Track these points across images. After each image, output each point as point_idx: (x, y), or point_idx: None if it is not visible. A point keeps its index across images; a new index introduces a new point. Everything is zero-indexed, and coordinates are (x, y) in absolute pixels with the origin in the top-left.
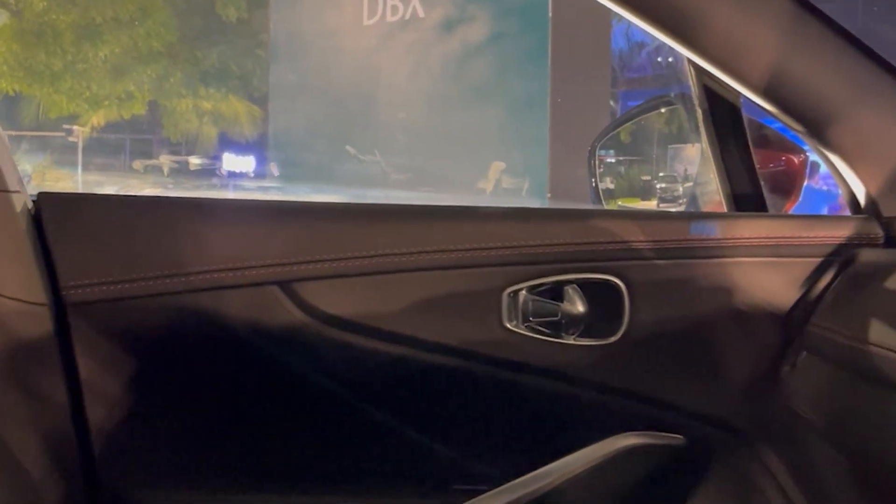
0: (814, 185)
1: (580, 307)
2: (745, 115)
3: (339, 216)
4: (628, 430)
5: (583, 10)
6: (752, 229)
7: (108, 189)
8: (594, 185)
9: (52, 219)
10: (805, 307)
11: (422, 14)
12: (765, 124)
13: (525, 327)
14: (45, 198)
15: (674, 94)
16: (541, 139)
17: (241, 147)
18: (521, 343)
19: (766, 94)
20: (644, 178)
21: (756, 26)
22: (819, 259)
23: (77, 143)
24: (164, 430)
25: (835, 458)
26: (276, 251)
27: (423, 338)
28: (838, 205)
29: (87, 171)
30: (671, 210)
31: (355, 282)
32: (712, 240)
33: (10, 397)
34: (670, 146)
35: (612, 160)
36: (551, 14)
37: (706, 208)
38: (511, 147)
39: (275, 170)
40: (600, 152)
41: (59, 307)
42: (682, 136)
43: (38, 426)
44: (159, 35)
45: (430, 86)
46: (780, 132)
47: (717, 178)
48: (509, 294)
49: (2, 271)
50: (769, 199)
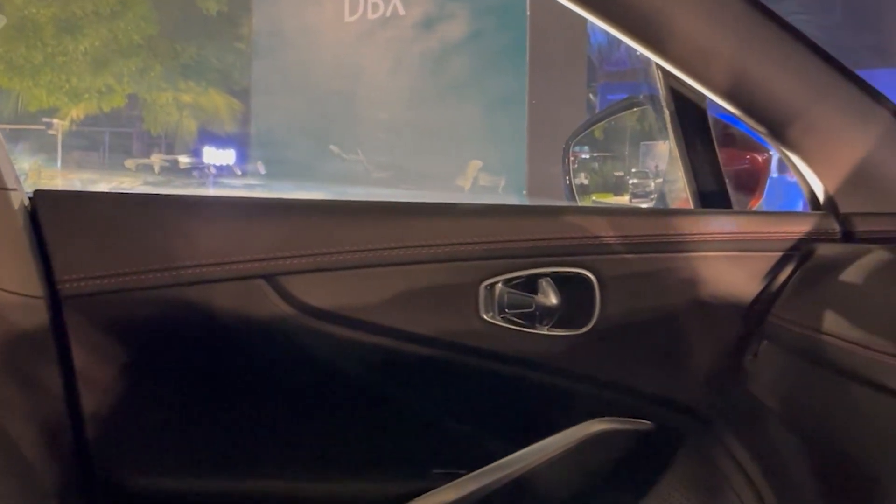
0: (788, 178)
1: (553, 299)
2: (711, 116)
3: (323, 212)
4: (599, 416)
5: (560, 10)
6: (716, 225)
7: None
8: (568, 182)
9: (47, 215)
10: (766, 299)
11: (402, 12)
12: (730, 124)
13: (501, 318)
14: (40, 195)
15: (643, 96)
16: (518, 137)
17: (221, 141)
18: (498, 333)
19: (728, 96)
20: (617, 173)
21: (719, 33)
22: (780, 253)
23: (56, 137)
24: (155, 418)
25: (793, 441)
26: (262, 246)
27: (403, 329)
28: None
29: (66, 166)
30: (640, 206)
31: (338, 275)
32: (679, 235)
33: (8, 386)
34: (642, 143)
35: (587, 156)
36: (529, 13)
37: (674, 205)
38: (488, 145)
39: (261, 168)
40: (576, 149)
41: (55, 300)
42: (654, 134)
43: (34, 414)
44: (139, 28)
45: (411, 84)
46: (745, 132)
47: (684, 177)
48: (486, 287)
49: (0, 266)
50: (735, 196)
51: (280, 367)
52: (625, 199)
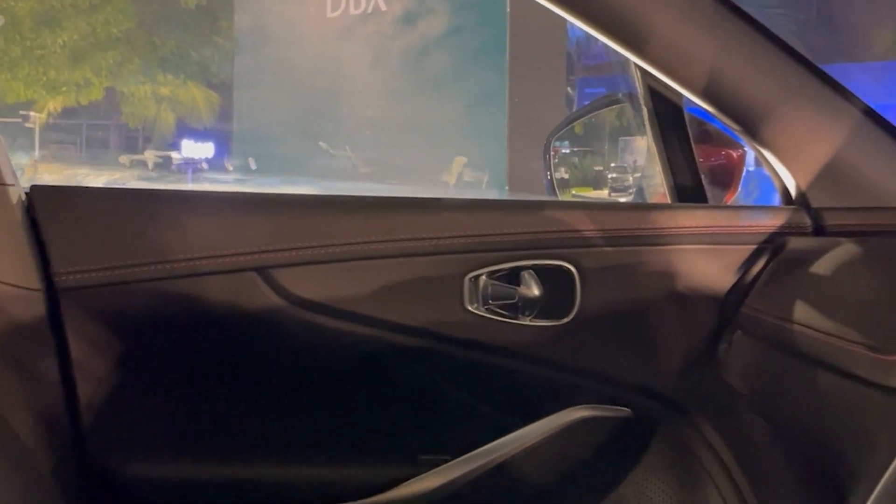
0: (767, 172)
1: (535, 291)
2: (687, 113)
3: (313, 207)
4: (579, 404)
5: (540, 7)
6: (692, 219)
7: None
8: (549, 177)
9: (44, 210)
10: (740, 291)
11: (384, 7)
12: (705, 121)
13: (485, 310)
14: (37, 190)
15: (621, 94)
16: (500, 134)
17: (201, 134)
18: (482, 324)
19: (704, 95)
20: (597, 168)
21: (695, 34)
22: (753, 246)
23: (34, 129)
24: (149, 407)
25: (765, 427)
26: (253, 240)
27: (390, 320)
28: None
29: (44, 160)
30: (619, 201)
31: (328, 268)
32: (656, 229)
33: (6, 375)
34: (621, 138)
35: (567, 151)
36: (509, 10)
37: (651, 199)
38: (472, 141)
39: (252, 164)
40: (556, 144)
41: (52, 292)
42: (633, 130)
43: (31, 402)
44: (118, 21)
45: (394, 80)
46: (720, 129)
47: (662, 172)
48: (470, 279)
49: None
50: (710, 190)
51: (271, 357)
52: (604, 193)
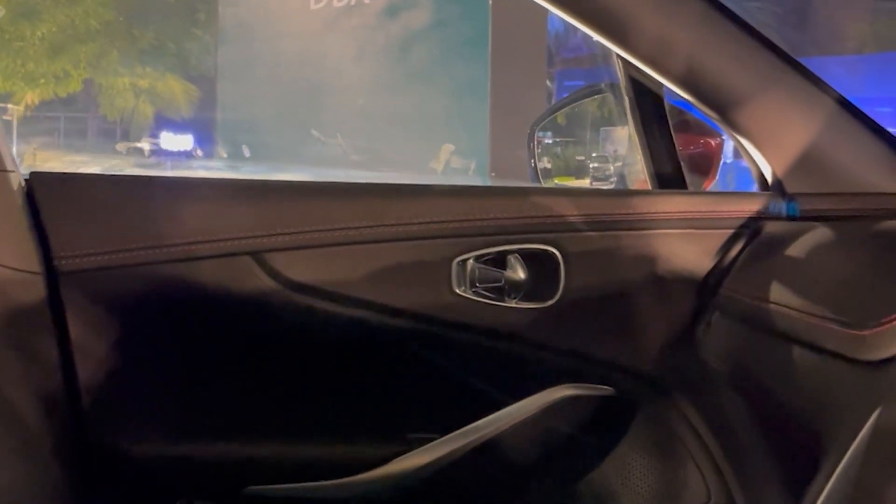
0: (744, 164)
1: (521, 274)
2: (668, 103)
3: (306, 193)
4: (564, 383)
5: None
6: (672, 205)
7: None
8: (533, 165)
9: (44, 196)
10: (718, 273)
11: (367, 0)
12: (685, 111)
13: (472, 292)
14: (36, 177)
15: (604, 84)
16: (485, 123)
17: (181, 126)
18: (469, 306)
19: (684, 84)
20: (579, 158)
21: (675, 26)
22: (731, 231)
23: (11, 121)
24: (146, 387)
25: (741, 403)
26: (248, 225)
27: (380, 302)
28: None
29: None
30: (602, 188)
31: (320, 252)
32: (638, 214)
33: (7, 356)
34: (602, 128)
35: (550, 141)
36: (491, 1)
37: (633, 186)
38: (460, 130)
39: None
40: (539, 134)
41: (52, 275)
42: (614, 120)
43: (32, 382)
44: (97, 13)
45: (381, 72)
46: (699, 118)
47: (643, 160)
48: (458, 263)
49: (0, 243)
50: (690, 177)
51: (265, 338)
52: (586, 182)
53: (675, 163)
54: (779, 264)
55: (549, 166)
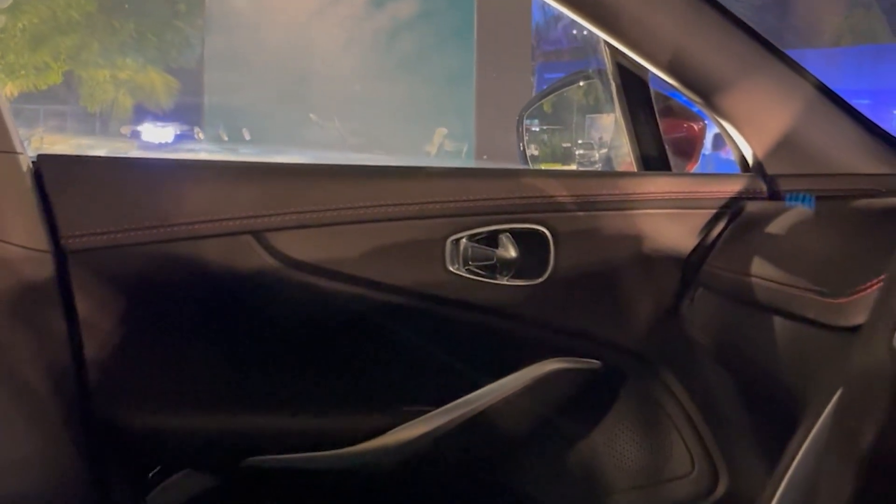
0: (722, 156)
1: (512, 252)
2: (653, 89)
3: (305, 175)
4: (553, 357)
5: None
6: (657, 186)
7: None
8: (522, 148)
9: (51, 177)
10: (702, 251)
11: None
12: (669, 97)
13: (465, 270)
14: (44, 159)
15: (591, 70)
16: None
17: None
18: (462, 284)
19: (668, 70)
20: (565, 145)
21: (661, 14)
22: (713, 211)
23: None
24: (151, 362)
25: (723, 374)
26: (249, 205)
27: (377, 280)
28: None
29: None
30: (590, 170)
31: (319, 231)
32: (624, 195)
33: (17, 331)
34: (588, 116)
35: (537, 129)
36: None
37: (619, 168)
38: (452, 114)
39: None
40: (526, 122)
41: (60, 254)
42: (599, 107)
43: (41, 356)
44: (78, 4)
45: (372, 60)
46: (683, 104)
47: (629, 143)
48: (452, 242)
49: (10, 223)
50: (673, 160)
51: (265, 314)
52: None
53: (660, 146)
54: (760, 241)
55: (536, 153)
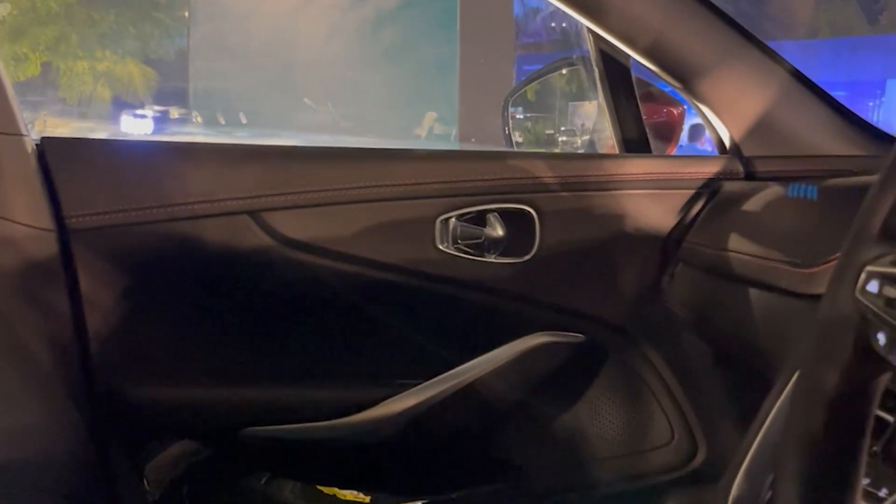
0: (699, 147)
1: (500, 231)
2: (634, 75)
3: (300, 157)
4: (539, 331)
5: None
6: (638, 167)
7: None
8: (508, 133)
9: (55, 159)
10: (681, 229)
11: None
12: (650, 83)
13: (454, 248)
14: (47, 141)
15: (575, 57)
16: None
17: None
18: (451, 261)
19: (649, 56)
20: (548, 132)
21: (642, 2)
22: (692, 191)
23: None
24: (151, 336)
25: (701, 345)
26: (246, 186)
27: (369, 257)
28: None
29: None
30: (574, 152)
31: (313, 211)
32: (607, 176)
33: (22, 306)
34: (570, 103)
35: (521, 116)
36: None
37: (602, 151)
38: (441, 99)
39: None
40: (511, 109)
41: (63, 233)
42: (581, 95)
43: (45, 331)
44: None
45: (358, 48)
46: (663, 89)
47: (611, 127)
48: (441, 221)
49: (15, 202)
50: (654, 143)
51: (261, 291)
52: None
53: (641, 129)
54: (736, 218)
55: (520, 140)
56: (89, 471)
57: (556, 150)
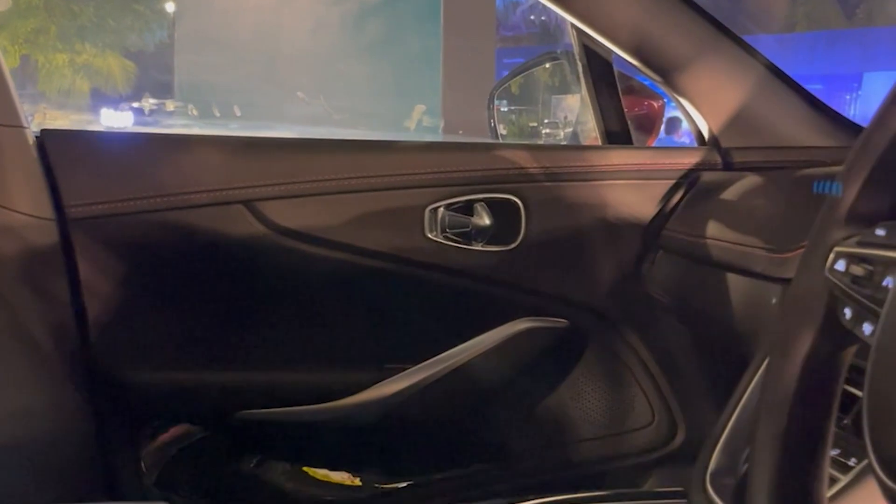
0: (676, 139)
1: (487, 220)
2: (616, 69)
3: (293, 148)
4: (524, 317)
5: None
6: (620, 158)
7: None
8: (493, 125)
9: (54, 150)
10: (661, 217)
11: None
12: (631, 77)
13: (443, 237)
14: (47, 133)
15: (559, 52)
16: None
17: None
18: (440, 250)
19: (630, 50)
20: (531, 124)
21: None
22: (672, 181)
23: None
24: (149, 322)
25: (681, 329)
26: (241, 176)
27: (360, 246)
28: None
29: None
30: (558, 144)
31: (306, 201)
32: (590, 167)
33: (23, 294)
34: (553, 96)
35: (505, 109)
36: None
37: (585, 143)
38: (430, 92)
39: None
40: (496, 102)
41: (63, 222)
42: (564, 88)
43: (45, 317)
44: None
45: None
46: (644, 83)
47: (594, 119)
48: (430, 210)
49: (15, 192)
50: (635, 135)
51: (256, 277)
52: None
53: (623, 122)
54: (714, 207)
55: (504, 133)
56: (88, 452)
57: (540, 143)
